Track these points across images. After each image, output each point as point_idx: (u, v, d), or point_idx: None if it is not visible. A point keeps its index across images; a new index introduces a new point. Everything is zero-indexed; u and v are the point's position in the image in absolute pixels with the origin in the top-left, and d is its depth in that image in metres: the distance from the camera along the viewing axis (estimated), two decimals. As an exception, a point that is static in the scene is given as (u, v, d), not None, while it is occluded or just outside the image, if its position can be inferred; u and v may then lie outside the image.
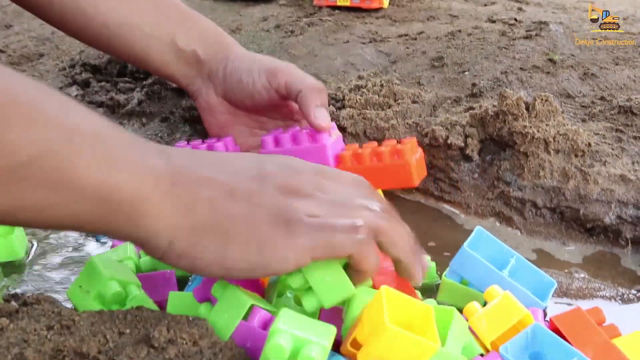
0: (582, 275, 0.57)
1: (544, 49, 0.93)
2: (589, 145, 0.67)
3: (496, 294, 0.46)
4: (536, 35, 0.97)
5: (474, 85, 0.84)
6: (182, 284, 0.54)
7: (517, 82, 0.85)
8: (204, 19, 0.65)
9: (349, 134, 0.75)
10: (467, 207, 0.70)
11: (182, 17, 0.63)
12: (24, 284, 0.56)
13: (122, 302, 0.46)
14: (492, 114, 0.69)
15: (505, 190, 0.68)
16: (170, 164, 0.38)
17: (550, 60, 0.89)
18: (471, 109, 0.75)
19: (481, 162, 0.71)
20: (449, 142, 0.70)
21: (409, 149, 0.63)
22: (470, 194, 0.70)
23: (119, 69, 0.95)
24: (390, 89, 0.81)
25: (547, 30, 0.99)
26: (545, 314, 0.50)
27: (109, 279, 0.45)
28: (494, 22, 1.10)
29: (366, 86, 0.83)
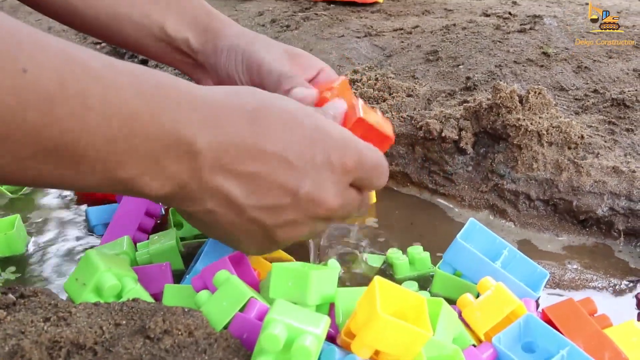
0: (575, 266, 0.58)
1: (538, 42, 0.93)
2: (582, 137, 0.67)
3: (489, 285, 0.47)
4: (530, 29, 0.98)
5: (468, 78, 0.84)
6: (177, 276, 0.54)
7: (511, 76, 0.85)
8: (194, 3, 0.62)
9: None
10: (461, 200, 0.70)
11: (171, 3, 0.60)
12: (22, 277, 0.56)
13: (119, 295, 0.46)
14: (486, 107, 0.70)
15: (499, 182, 0.68)
16: (189, 171, 0.38)
17: (544, 53, 0.90)
18: (465, 102, 0.76)
19: (475, 155, 0.72)
20: (443, 135, 0.70)
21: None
22: (464, 186, 0.71)
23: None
24: (385, 82, 0.81)
25: (541, 24, 0.99)
26: (537, 304, 0.51)
27: (105, 271, 0.46)
28: (488, 16, 1.10)
29: (361, 80, 0.83)
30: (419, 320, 0.39)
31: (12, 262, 0.58)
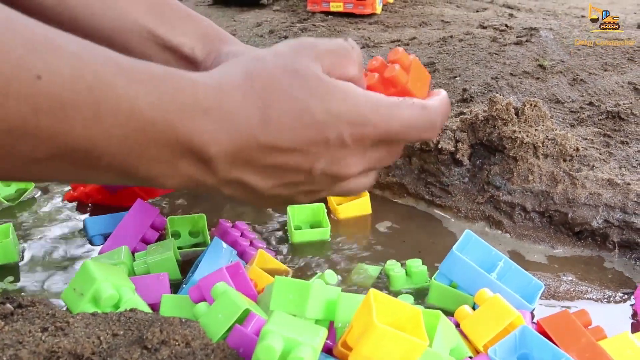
0: (570, 278, 0.58)
1: (534, 54, 0.94)
2: (577, 149, 0.68)
3: (486, 296, 0.47)
4: (526, 41, 0.99)
5: (464, 90, 0.85)
6: (175, 287, 0.54)
7: (508, 88, 0.86)
8: (197, 16, 0.63)
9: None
10: (457, 211, 0.71)
11: (177, 15, 0.60)
12: (19, 286, 0.56)
13: (116, 305, 0.46)
14: (482, 118, 0.70)
15: (495, 194, 0.69)
16: (205, 169, 0.40)
17: (540, 66, 0.91)
18: (462, 113, 0.76)
19: (471, 166, 0.72)
20: (439, 146, 0.71)
21: (399, 62, 0.53)
22: (460, 198, 0.71)
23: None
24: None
25: (538, 36, 1.00)
26: (532, 316, 0.51)
27: (103, 281, 0.46)
28: (485, 28, 1.11)
29: (358, 91, 0.83)
30: (415, 331, 0.39)
31: (10, 271, 0.59)
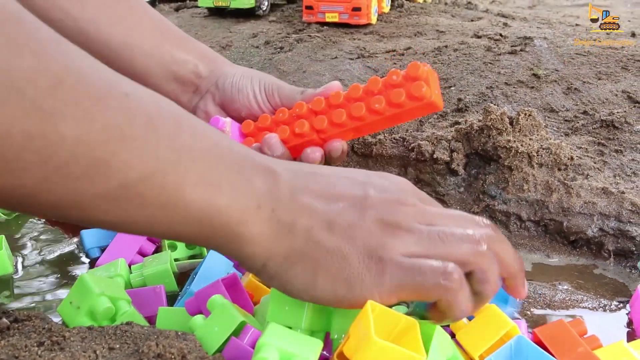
0: (566, 287, 0.58)
1: (529, 64, 0.95)
2: (572, 159, 0.68)
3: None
4: (521, 50, 0.99)
5: (459, 100, 0.85)
6: (171, 299, 0.55)
7: (502, 97, 0.86)
8: (198, 42, 0.67)
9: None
10: (453, 221, 0.71)
11: (180, 36, 0.65)
12: (15, 300, 0.56)
13: (113, 318, 0.46)
14: (477, 128, 0.71)
15: (490, 203, 0.69)
16: (275, 187, 0.38)
17: (534, 75, 0.91)
18: (457, 123, 0.76)
19: (467, 176, 0.72)
20: (435, 156, 0.71)
21: (422, 78, 0.55)
22: (456, 207, 0.72)
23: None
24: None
25: (532, 45, 1.01)
26: (527, 325, 0.51)
27: (99, 295, 0.46)
28: (479, 37, 1.12)
29: (354, 102, 0.84)
30: (412, 343, 0.39)
31: (6, 285, 0.59)
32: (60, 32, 0.57)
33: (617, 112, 0.80)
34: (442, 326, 0.45)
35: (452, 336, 0.47)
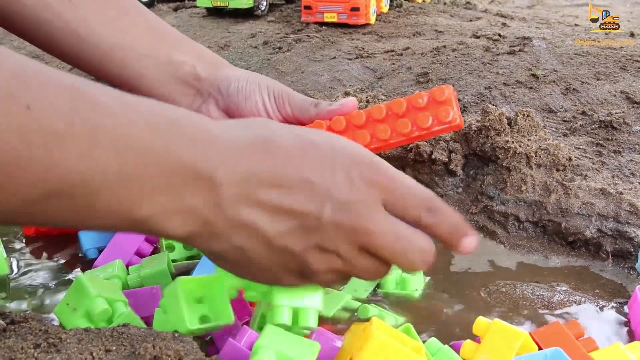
0: (564, 288, 0.58)
1: (527, 64, 0.95)
2: (570, 159, 0.68)
3: (485, 324, 0.46)
4: (519, 50, 0.99)
5: (458, 100, 0.85)
6: (169, 300, 0.54)
7: (501, 97, 0.86)
8: (196, 42, 0.65)
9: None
10: (451, 221, 0.71)
11: (176, 38, 0.62)
12: (11, 301, 0.56)
13: (109, 320, 0.46)
14: (475, 129, 0.71)
15: (488, 204, 0.69)
16: (211, 201, 0.36)
17: (533, 75, 0.91)
18: (455, 124, 0.76)
19: (465, 176, 0.72)
20: (433, 157, 0.71)
21: (448, 102, 0.57)
22: (454, 208, 0.71)
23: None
24: (376, 104, 0.82)
25: (530, 45, 1.01)
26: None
27: (96, 296, 0.46)
28: (478, 37, 1.12)
29: (352, 102, 0.84)
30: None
31: (2, 286, 0.58)
32: (51, 34, 0.57)
33: (616, 113, 0.80)
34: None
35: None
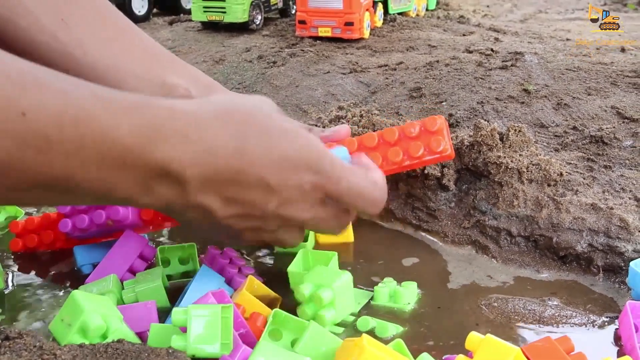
0: (555, 302, 0.59)
1: (519, 79, 0.95)
2: (561, 174, 0.69)
3: (477, 339, 0.46)
4: (512, 65, 1.00)
5: (450, 115, 0.86)
6: (164, 314, 0.55)
7: (493, 112, 0.87)
8: (191, 65, 0.65)
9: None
10: (444, 236, 0.71)
11: (170, 60, 0.63)
12: (6, 316, 0.56)
13: (104, 335, 0.47)
14: (468, 144, 0.71)
15: (481, 219, 0.70)
16: (176, 192, 0.42)
17: (525, 90, 0.92)
18: (448, 139, 0.77)
19: (457, 191, 0.73)
20: (426, 172, 0.72)
21: (440, 133, 0.60)
22: (447, 222, 0.72)
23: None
24: (369, 119, 0.82)
25: (522, 60, 1.02)
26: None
27: (91, 312, 0.46)
28: (471, 52, 1.13)
29: (346, 117, 0.84)
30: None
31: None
32: (46, 55, 0.58)
33: (606, 128, 0.80)
34: None
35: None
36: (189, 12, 1.66)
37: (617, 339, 0.54)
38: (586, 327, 0.56)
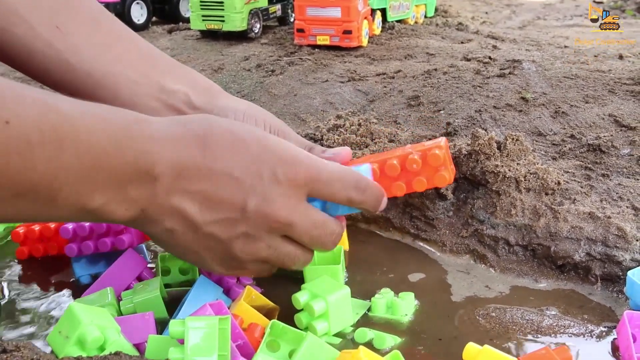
0: (553, 312, 0.59)
1: (517, 87, 0.96)
2: (559, 183, 0.69)
3: (475, 350, 0.47)
4: (509, 73, 1.00)
5: (448, 124, 0.86)
6: (162, 325, 0.55)
7: (491, 121, 0.87)
8: (190, 68, 0.65)
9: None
10: (442, 245, 0.71)
11: (168, 64, 0.62)
12: (2, 328, 0.56)
13: (102, 347, 0.47)
14: (465, 153, 0.71)
15: (479, 228, 0.70)
16: (149, 192, 0.44)
17: (522, 98, 0.92)
18: (445, 148, 0.77)
19: (455, 200, 0.73)
20: (424, 181, 0.72)
21: (444, 165, 0.57)
22: (445, 231, 0.72)
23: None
24: (367, 128, 0.83)
25: (520, 68, 1.02)
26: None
27: (88, 324, 0.46)
28: (469, 60, 1.13)
29: (344, 125, 0.85)
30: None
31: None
32: (43, 63, 0.58)
33: (604, 136, 0.81)
34: None
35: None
36: (187, 20, 1.66)
37: (615, 349, 0.54)
38: (584, 337, 0.56)
